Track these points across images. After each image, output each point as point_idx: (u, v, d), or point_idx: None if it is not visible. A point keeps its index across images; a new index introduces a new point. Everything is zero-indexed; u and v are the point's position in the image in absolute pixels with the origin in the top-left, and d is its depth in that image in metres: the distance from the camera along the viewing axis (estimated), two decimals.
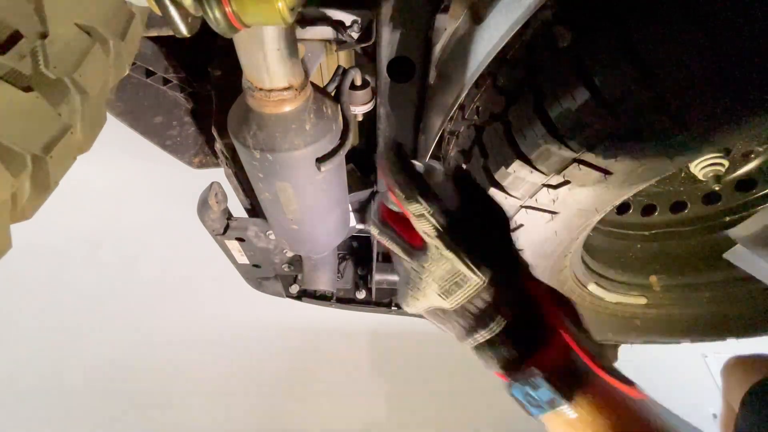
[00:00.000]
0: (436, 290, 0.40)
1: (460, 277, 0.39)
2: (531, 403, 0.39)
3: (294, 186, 0.69)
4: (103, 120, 0.58)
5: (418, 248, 0.41)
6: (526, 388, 0.39)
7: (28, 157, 0.43)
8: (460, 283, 0.39)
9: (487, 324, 0.40)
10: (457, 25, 0.66)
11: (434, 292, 0.40)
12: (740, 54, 0.51)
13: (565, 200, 0.78)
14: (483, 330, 0.40)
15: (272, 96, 0.56)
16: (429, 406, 1.89)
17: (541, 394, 0.38)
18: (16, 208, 0.45)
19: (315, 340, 1.96)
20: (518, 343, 0.40)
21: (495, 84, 0.82)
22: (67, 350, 1.86)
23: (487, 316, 0.40)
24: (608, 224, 1.25)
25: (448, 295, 0.40)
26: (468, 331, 0.41)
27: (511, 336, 0.40)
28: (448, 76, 0.68)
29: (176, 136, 1.23)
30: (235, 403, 1.84)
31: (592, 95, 0.62)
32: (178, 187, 1.78)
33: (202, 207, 0.97)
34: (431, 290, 0.40)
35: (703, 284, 1.25)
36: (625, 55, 0.58)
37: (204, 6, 0.34)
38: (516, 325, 0.40)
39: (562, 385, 0.38)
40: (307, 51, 0.74)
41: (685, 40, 0.54)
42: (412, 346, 1.97)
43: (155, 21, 0.75)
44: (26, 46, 0.39)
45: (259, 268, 1.18)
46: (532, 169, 0.73)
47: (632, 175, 0.71)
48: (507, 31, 0.56)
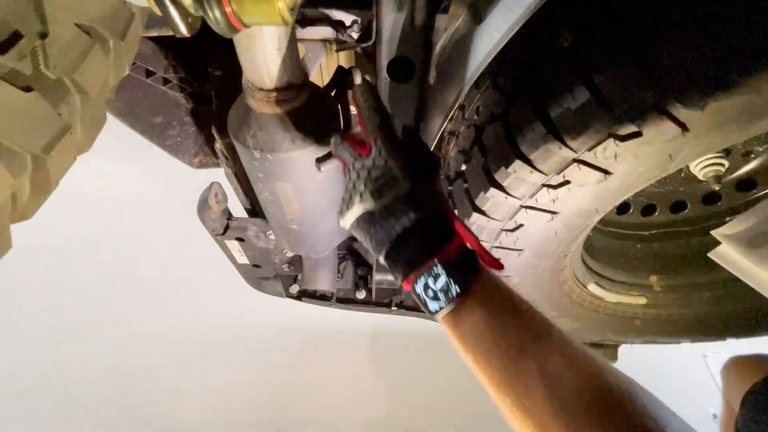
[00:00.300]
0: (370, 190, 0.47)
1: (392, 177, 0.47)
2: (430, 295, 0.44)
3: (294, 186, 0.69)
4: (103, 120, 0.58)
5: (365, 156, 0.50)
6: (428, 280, 0.44)
7: (28, 157, 0.43)
8: (390, 183, 0.47)
9: (404, 225, 0.46)
10: (457, 25, 0.66)
11: (368, 193, 0.47)
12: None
13: (565, 200, 0.78)
14: (398, 227, 0.46)
15: (272, 96, 0.56)
16: (429, 406, 1.89)
17: (439, 284, 0.44)
18: (16, 208, 0.45)
19: (315, 340, 1.96)
20: (428, 239, 0.45)
21: (495, 84, 0.83)
22: (67, 350, 1.86)
23: (405, 217, 0.46)
24: (608, 224, 1.25)
25: (379, 195, 0.47)
26: (387, 232, 0.47)
27: (424, 235, 0.46)
28: (448, 76, 0.68)
29: (176, 136, 1.23)
30: (236, 403, 1.84)
31: (592, 95, 0.62)
32: (178, 187, 1.78)
33: (202, 207, 0.97)
34: (366, 192, 0.48)
35: (703, 284, 1.25)
36: (625, 55, 0.58)
37: (204, 6, 0.34)
38: (428, 224, 0.46)
39: (458, 275, 0.43)
40: (307, 51, 0.74)
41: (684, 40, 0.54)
42: (412, 346, 1.97)
43: (155, 21, 0.75)
44: (26, 46, 0.39)
45: (259, 268, 1.18)
46: (532, 169, 0.73)
47: (632, 175, 0.72)
48: (507, 31, 0.56)
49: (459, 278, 0.43)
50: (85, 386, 1.81)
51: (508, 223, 0.85)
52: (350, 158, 0.51)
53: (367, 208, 0.48)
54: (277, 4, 0.35)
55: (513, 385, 0.40)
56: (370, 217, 0.48)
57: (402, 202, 0.46)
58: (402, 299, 1.32)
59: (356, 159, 0.50)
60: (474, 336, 0.43)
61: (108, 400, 1.80)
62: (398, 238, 0.46)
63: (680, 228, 1.24)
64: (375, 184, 0.47)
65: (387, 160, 0.48)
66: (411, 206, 0.46)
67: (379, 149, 0.48)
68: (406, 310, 1.33)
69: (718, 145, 0.65)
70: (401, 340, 1.98)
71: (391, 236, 0.46)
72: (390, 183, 0.47)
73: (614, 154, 0.67)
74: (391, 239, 0.46)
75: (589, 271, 1.18)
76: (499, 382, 0.41)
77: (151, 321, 1.94)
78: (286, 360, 1.93)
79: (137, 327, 1.92)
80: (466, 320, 0.44)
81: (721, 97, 0.56)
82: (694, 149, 0.65)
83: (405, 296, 1.32)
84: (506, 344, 0.41)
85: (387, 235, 0.47)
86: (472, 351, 0.44)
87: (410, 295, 1.33)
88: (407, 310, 1.33)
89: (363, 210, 0.48)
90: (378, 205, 0.47)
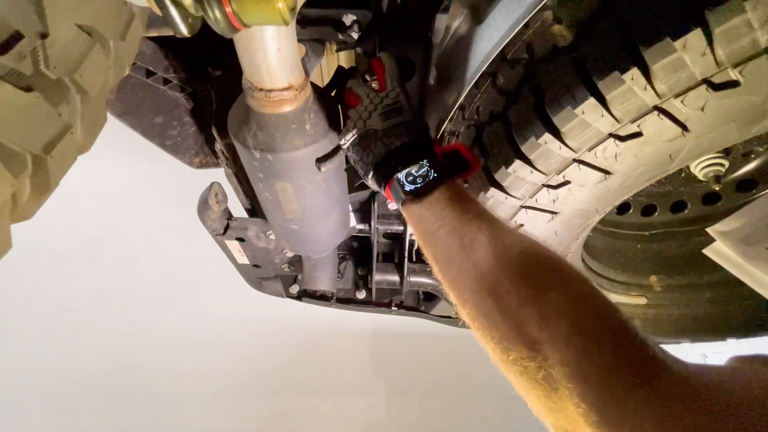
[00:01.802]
0: (379, 113, 0.57)
1: (401, 106, 0.57)
2: (409, 180, 0.52)
3: (294, 186, 0.69)
4: (103, 120, 0.58)
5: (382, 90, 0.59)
6: (412, 168, 0.53)
7: (28, 157, 0.43)
8: (398, 111, 0.57)
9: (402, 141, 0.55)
10: (457, 25, 0.66)
11: (377, 115, 0.57)
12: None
13: (565, 200, 0.78)
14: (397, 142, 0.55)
15: (272, 96, 0.56)
16: (429, 406, 1.89)
17: (420, 170, 0.52)
18: (17, 208, 0.45)
19: (315, 340, 1.96)
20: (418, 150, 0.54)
21: (495, 84, 0.83)
22: (67, 350, 1.86)
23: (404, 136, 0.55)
24: (608, 224, 1.25)
25: (386, 118, 0.56)
26: (386, 147, 0.55)
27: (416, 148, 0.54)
28: (448, 76, 0.68)
29: (176, 136, 1.23)
30: (236, 403, 1.84)
31: (592, 95, 0.62)
32: (178, 187, 1.78)
33: (202, 207, 0.97)
34: (376, 114, 0.57)
35: (703, 284, 1.25)
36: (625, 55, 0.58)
37: (204, 6, 0.34)
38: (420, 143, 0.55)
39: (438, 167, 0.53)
40: (307, 51, 0.74)
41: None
42: (412, 346, 1.97)
43: (155, 21, 0.75)
44: (27, 46, 0.39)
45: (259, 268, 1.18)
46: (532, 169, 0.73)
47: (632, 175, 0.72)
48: (507, 31, 0.56)
49: (438, 169, 0.52)
50: (85, 386, 1.81)
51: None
52: (366, 92, 0.59)
53: (372, 126, 0.56)
54: (277, 4, 0.35)
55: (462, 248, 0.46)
56: (371, 135, 0.56)
57: (403, 126, 0.56)
58: (402, 299, 1.32)
59: (371, 93, 0.59)
60: (438, 213, 0.50)
61: (108, 399, 1.80)
62: (394, 151, 0.55)
63: (680, 228, 1.24)
64: (385, 109, 0.57)
65: (399, 95, 0.58)
66: (410, 130, 0.55)
67: (394, 87, 0.58)
68: (406, 310, 1.33)
69: (718, 145, 0.65)
70: (401, 340, 1.98)
71: (388, 149, 0.55)
72: (398, 110, 0.56)
73: (614, 154, 0.67)
74: (388, 152, 0.55)
75: (589, 271, 1.18)
76: (450, 251, 0.48)
77: (150, 321, 1.94)
78: (286, 360, 1.93)
79: (137, 327, 1.92)
80: (431, 203, 0.51)
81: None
82: (694, 149, 0.65)
83: (405, 296, 1.32)
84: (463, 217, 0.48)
85: (385, 149, 0.55)
86: (432, 229, 0.50)
87: (410, 295, 1.33)
88: (407, 310, 1.33)
89: (367, 129, 0.56)
90: (383, 125, 0.56)
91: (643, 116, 0.61)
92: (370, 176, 0.57)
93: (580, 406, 0.33)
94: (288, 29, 0.50)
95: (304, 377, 1.90)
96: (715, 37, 0.52)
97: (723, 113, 0.59)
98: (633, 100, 0.60)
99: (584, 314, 0.37)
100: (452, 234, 0.48)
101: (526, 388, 0.40)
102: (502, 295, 0.41)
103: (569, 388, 0.34)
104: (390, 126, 0.56)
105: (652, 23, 0.56)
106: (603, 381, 0.33)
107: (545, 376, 0.37)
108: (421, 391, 1.91)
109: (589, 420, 0.33)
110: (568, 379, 0.35)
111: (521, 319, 0.39)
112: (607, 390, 0.33)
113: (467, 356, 1.94)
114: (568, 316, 0.37)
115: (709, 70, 0.55)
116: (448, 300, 1.23)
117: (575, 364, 0.35)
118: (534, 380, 0.38)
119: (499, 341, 0.41)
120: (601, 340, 0.35)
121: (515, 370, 0.40)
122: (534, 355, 0.38)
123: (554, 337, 0.37)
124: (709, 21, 0.51)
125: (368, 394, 1.89)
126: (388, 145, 0.55)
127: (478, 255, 0.44)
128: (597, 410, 0.32)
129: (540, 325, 0.38)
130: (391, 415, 1.85)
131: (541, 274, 0.42)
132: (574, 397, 0.34)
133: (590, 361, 0.34)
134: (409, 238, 1.07)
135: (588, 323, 0.36)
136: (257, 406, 1.83)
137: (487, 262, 0.44)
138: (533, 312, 0.39)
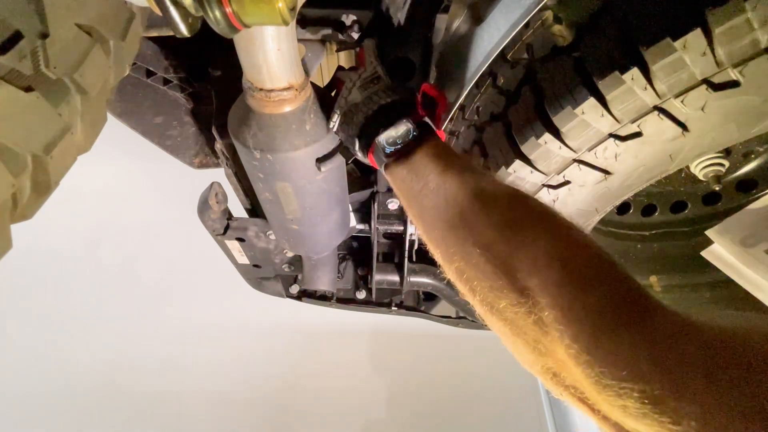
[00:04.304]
0: (358, 86, 0.57)
1: (378, 76, 0.58)
2: (389, 143, 0.52)
3: (294, 186, 0.69)
4: (104, 120, 0.58)
5: (361, 67, 0.60)
6: (392, 130, 0.52)
7: (28, 157, 0.43)
8: (375, 79, 0.58)
9: (380, 103, 0.55)
10: (457, 25, 0.66)
11: (356, 89, 0.57)
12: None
13: (565, 200, 0.78)
14: (375, 106, 0.55)
15: (272, 96, 0.56)
16: (429, 406, 1.89)
17: (400, 131, 0.52)
18: (17, 208, 0.45)
19: (315, 340, 1.96)
20: (398, 110, 0.54)
21: (495, 84, 0.83)
22: (66, 350, 1.86)
23: (383, 99, 0.55)
24: (608, 224, 1.25)
25: (364, 89, 0.57)
26: (365, 113, 0.55)
27: (396, 107, 0.54)
28: (448, 76, 0.68)
29: (176, 136, 1.23)
30: (235, 403, 1.84)
31: (592, 95, 0.62)
32: (178, 187, 1.78)
33: (202, 207, 0.97)
34: (355, 89, 0.57)
35: (703, 284, 1.24)
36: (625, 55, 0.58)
37: (204, 6, 0.34)
38: (400, 103, 0.55)
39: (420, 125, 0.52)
40: (307, 51, 0.74)
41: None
42: (412, 346, 1.97)
43: (155, 21, 0.75)
44: (27, 46, 0.39)
45: (259, 268, 1.18)
46: (533, 169, 0.73)
47: (632, 175, 0.72)
48: (507, 31, 0.56)
49: (420, 126, 0.52)
50: (85, 386, 1.81)
51: None
52: (348, 75, 0.60)
53: (352, 101, 0.57)
54: (277, 4, 0.35)
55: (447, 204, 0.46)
56: (352, 109, 0.57)
57: (381, 92, 0.56)
58: (402, 299, 1.32)
59: (353, 73, 0.59)
60: (421, 172, 0.50)
61: (108, 399, 1.80)
62: (372, 115, 0.55)
63: (680, 228, 1.24)
64: (363, 82, 0.58)
65: (376, 67, 0.58)
66: (387, 93, 0.56)
67: (371, 61, 0.59)
68: (406, 310, 1.33)
69: (718, 145, 0.65)
70: (401, 340, 1.98)
71: (367, 116, 0.55)
72: (375, 79, 0.58)
73: (614, 154, 0.67)
74: (367, 115, 0.55)
75: None
76: (437, 209, 0.47)
77: (150, 321, 1.94)
78: (286, 360, 1.93)
79: (137, 327, 1.92)
80: (414, 162, 0.51)
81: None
82: (694, 149, 0.65)
83: (405, 296, 1.32)
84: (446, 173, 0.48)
85: (364, 117, 0.55)
86: (416, 188, 0.50)
87: (410, 295, 1.33)
88: (407, 310, 1.33)
89: (348, 105, 0.57)
90: (362, 96, 0.57)
91: (643, 116, 0.61)
92: (356, 148, 0.57)
93: (572, 347, 0.33)
94: (288, 29, 0.50)
95: (304, 377, 1.90)
96: (715, 37, 0.52)
97: (723, 113, 0.59)
98: (633, 100, 0.60)
99: (574, 259, 0.37)
100: (437, 191, 0.47)
101: (514, 335, 0.40)
102: (490, 245, 0.41)
103: (560, 329, 0.34)
104: (368, 95, 0.56)
105: (652, 23, 0.56)
106: (596, 321, 0.33)
107: (535, 320, 0.37)
108: (421, 391, 1.91)
109: (580, 360, 0.33)
110: (559, 322, 0.35)
111: (511, 268, 0.39)
112: (600, 329, 0.33)
113: (467, 356, 1.94)
114: (558, 262, 0.37)
115: (709, 70, 0.55)
116: (448, 300, 1.23)
117: (567, 308, 0.34)
118: (523, 326, 0.38)
119: (489, 291, 0.41)
120: (593, 282, 0.35)
121: (504, 318, 0.40)
122: (524, 301, 0.37)
123: (545, 282, 0.36)
124: (709, 21, 0.51)
125: (368, 394, 1.89)
126: (366, 112, 0.55)
127: (463, 208, 0.44)
128: (589, 350, 0.32)
129: (530, 272, 0.38)
130: (391, 415, 1.85)
131: (529, 223, 0.41)
132: (565, 338, 0.34)
133: (582, 303, 0.34)
134: (409, 238, 1.07)
135: (578, 267, 0.36)
136: (257, 405, 1.83)
137: (473, 214, 0.43)
138: (523, 260, 0.38)
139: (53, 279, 1.98)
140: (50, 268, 1.99)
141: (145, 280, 2.00)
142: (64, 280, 1.98)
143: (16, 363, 1.82)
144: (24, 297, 1.93)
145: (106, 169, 2.07)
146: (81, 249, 2.04)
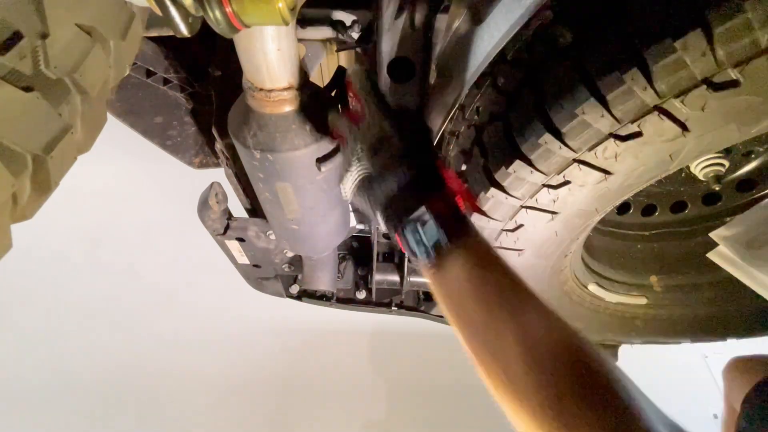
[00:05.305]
0: (366, 151, 0.50)
1: (386, 136, 0.50)
2: (418, 241, 0.47)
3: (294, 186, 0.69)
4: (104, 120, 0.58)
5: (361, 123, 0.53)
6: (416, 225, 0.46)
7: (28, 157, 0.43)
8: (384, 142, 0.50)
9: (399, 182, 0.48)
10: (457, 25, 0.66)
11: (364, 156, 0.50)
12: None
13: (565, 200, 0.78)
14: (394, 185, 0.48)
15: (272, 96, 0.56)
16: (429, 406, 1.89)
17: (428, 230, 0.46)
18: (17, 208, 0.45)
19: (315, 340, 1.96)
20: (416, 189, 0.48)
21: (495, 84, 0.83)
22: (66, 350, 1.86)
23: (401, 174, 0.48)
24: (608, 224, 1.25)
25: (374, 154, 0.50)
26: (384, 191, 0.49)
27: (416, 188, 0.48)
28: (448, 76, 0.68)
29: (176, 136, 1.23)
30: (235, 403, 1.84)
31: (592, 95, 0.62)
32: (178, 187, 1.78)
33: (202, 207, 0.97)
34: (363, 154, 0.50)
35: (703, 284, 1.24)
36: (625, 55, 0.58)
37: (204, 6, 0.34)
38: (417, 175, 0.49)
39: (446, 226, 0.46)
40: (307, 51, 0.74)
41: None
42: (412, 346, 1.97)
43: (155, 21, 0.75)
44: (27, 46, 0.39)
45: (260, 268, 1.18)
46: (533, 170, 0.73)
47: (632, 175, 0.72)
48: (507, 31, 0.56)
49: (447, 228, 0.46)
50: (85, 386, 1.81)
51: (508, 224, 0.85)
52: (347, 128, 0.54)
53: (364, 170, 0.51)
54: (277, 4, 0.35)
55: (489, 341, 0.42)
56: (368, 180, 0.50)
57: (396, 160, 0.49)
58: (402, 299, 1.32)
59: (353, 127, 0.53)
60: (458, 288, 0.45)
61: (107, 399, 1.80)
62: (392, 197, 0.49)
63: (681, 228, 1.24)
64: (370, 146, 0.50)
65: (381, 123, 0.50)
66: (404, 163, 0.48)
67: (372, 114, 0.51)
68: (406, 310, 1.33)
69: (718, 145, 0.65)
70: (401, 340, 1.97)
71: (388, 194, 0.49)
72: (384, 142, 0.50)
73: (614, 154, 0.67)
74: (389, 197, 0.49)
75: (589, 271, 1.18)
76: (476, 337, 0.44)
77: (150, 321, 1.94)
78: (286, 360, 1.93)
79: (137, 327, 1.92)
80: (452, 271, 0.45)
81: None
82: (694, 149, 0.65)
83: (405, 296, 1.32)
84: (486, 299, 0.43)
85: (384, 194, 0.49)
86: (456, 303, 0.45)
87: (410, 295, 1.33)
88: (407, 310, 1.33)
89: (361, 174, 0.51)
90: (374, 165, 0.50)
91: (643, 116, 0.61)
92: (382, 225, 0.52)
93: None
94: (288, 29, 0.50)
95: (304, 377, 1.90)
96: (715, 37, 0.52)
97: (723, 113, 0.59)
98: (633, 100, 0.60)
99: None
100: (473, 323, 0.44)
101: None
102: (528, 393, 0.39)
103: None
104: (381, 164, 0.50)
105: (653, 23, 0.57)
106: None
107: None
108: (421, 391, 1.91)
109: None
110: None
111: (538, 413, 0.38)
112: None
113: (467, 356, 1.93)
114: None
115: (710, 70, 0.55)
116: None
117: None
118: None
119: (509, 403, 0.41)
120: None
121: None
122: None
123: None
124: (709, 21, 0.51)
125: (368, 394, 1.89)
126: (385, 189, 0.49)
127: (504, 353, 0.41)
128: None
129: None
130: (391, 415, 1.85)
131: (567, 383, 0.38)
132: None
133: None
134: None
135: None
136: (257, 406, 1.83)
137: (513, 362, 0.40)
138: (552, 416, 0.37)
139: (53, 279, 1.97)
140: (50, 268, 1.99)
141: (146, 280, 2.00)
142: (64, 280, 1.98)
143: (16, 363, 1.82)
144: (24, 297, 1.93)
145: (106, 169, 2.08)
146: (81, 249, 2.04)
